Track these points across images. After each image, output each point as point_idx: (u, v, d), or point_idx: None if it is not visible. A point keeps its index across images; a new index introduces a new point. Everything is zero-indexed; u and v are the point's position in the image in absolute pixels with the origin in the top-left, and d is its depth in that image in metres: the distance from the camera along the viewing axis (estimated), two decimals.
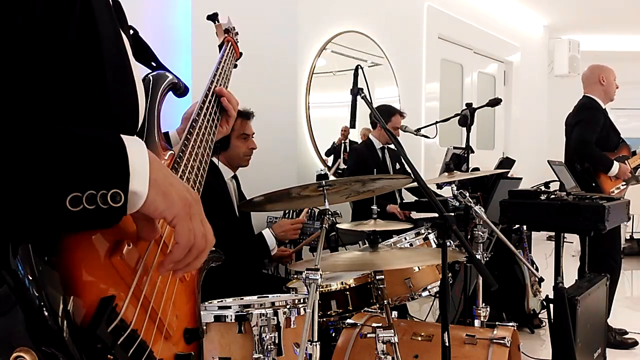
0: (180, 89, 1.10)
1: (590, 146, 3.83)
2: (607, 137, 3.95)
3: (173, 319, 0.90)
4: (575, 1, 7.29)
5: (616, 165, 3.87)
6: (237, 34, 1.61)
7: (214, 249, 1.04)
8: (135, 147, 0.71)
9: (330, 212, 1.58)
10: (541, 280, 3.62)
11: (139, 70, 0.93)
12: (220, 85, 1.30)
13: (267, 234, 2.61)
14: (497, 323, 2.11)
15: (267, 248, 2.58)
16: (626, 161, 3.97)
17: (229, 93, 1.27)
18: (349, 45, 4.67)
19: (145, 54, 1.07)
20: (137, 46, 1.05)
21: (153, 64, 1.08)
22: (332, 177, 3.96)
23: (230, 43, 1.50)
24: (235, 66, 1.54)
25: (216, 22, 1.56)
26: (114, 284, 0.75)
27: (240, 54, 1.58)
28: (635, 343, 3.80)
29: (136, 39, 1.04)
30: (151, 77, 1.04)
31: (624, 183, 3.94)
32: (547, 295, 2.69)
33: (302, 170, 4.13)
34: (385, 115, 3.97)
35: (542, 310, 3.86)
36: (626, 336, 3.88)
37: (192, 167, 1.02)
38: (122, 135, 0.71)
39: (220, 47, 1.50)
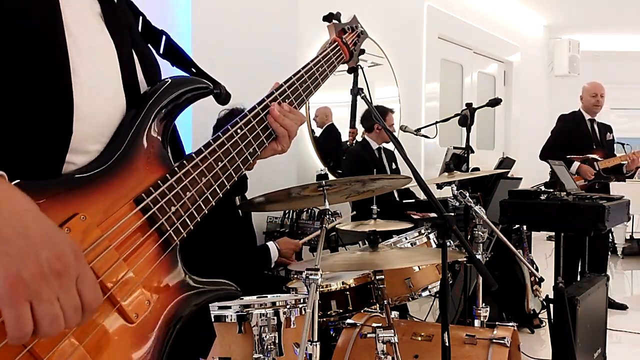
0: (221, 97, 0.98)
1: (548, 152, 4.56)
2: (580, 143, 4.58)
3: None
4: (575, 1, 7.29)
5: (575, 165, 4.46)
6: (361, 33, 1.48)
7: (229, 282, 0.93)
8: None
9: (330, 212, 1.58)
10: (541, 280, 3.63)
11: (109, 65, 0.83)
12: (307, 86, 1.22)
13: (272, 247, 2.67)
14: (497, 323, 2.11)
15: (269, 260, 2.66)
16: (595, 163, 4.48)
17: (281, 113, 1.10)
18: None
19: (182, 60, 0.99)
20: (173, 52, 0.98)
21: (193, 69, 0.98)
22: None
23: (336, 44, 1.35)
24: (360, 68, 1.46)
25: (330, 22, 1.40)
26: None
27: (362, 51, 1.45)
28: (625, 306, 4.36)
29: (170, 45, 0.98)
30: (162, 81, 0.90)
31: (584, 181, 4.46)
32: (547, 295, 2.70)
33: (302, 170, 4.12)
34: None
35: (542, 310, 3.86)
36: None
37: (193, 184, 0.85)
38: None
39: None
